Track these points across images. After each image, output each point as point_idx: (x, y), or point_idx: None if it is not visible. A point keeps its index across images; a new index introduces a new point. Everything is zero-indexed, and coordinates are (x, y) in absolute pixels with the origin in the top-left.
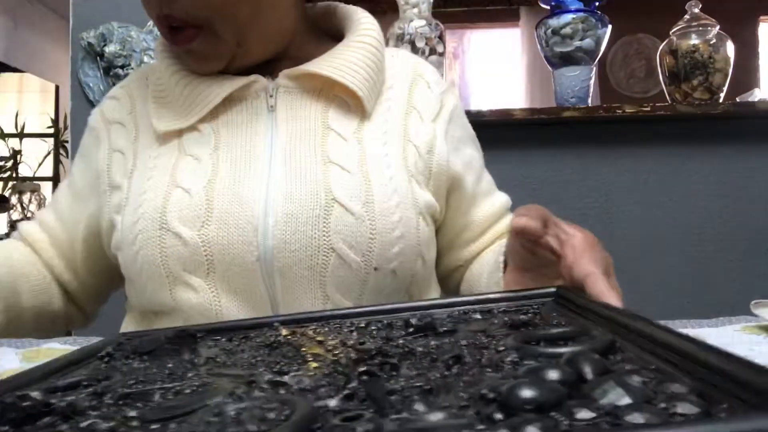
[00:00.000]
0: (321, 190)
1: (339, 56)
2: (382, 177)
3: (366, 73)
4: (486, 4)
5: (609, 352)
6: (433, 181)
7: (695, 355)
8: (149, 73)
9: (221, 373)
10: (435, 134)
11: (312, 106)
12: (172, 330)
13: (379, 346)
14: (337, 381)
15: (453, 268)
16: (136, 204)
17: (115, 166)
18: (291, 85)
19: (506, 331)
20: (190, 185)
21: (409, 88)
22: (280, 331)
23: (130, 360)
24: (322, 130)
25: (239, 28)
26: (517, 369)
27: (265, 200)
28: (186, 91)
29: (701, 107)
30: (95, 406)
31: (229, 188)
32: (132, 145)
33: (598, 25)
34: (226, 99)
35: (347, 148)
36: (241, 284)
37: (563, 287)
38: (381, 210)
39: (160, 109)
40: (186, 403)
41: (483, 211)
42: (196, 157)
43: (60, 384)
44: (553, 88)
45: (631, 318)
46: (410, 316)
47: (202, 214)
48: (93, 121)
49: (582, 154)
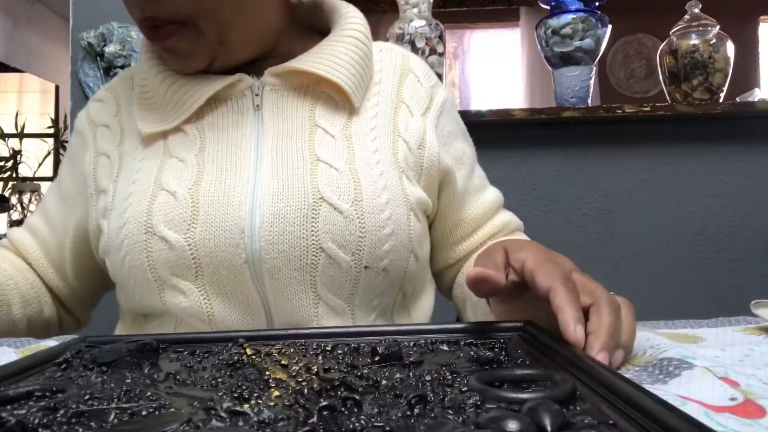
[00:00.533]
0: (308, 189)
1: (325, 52)
2: (371, 174)
3: (353, 67)
4: (486, 4)
5: (570, 401)
6: (425, 176)
7: (654, 414)
8: (134, 74)
9: (180, 393)
10: (425, 128)
11: (299, 104)
12: (134, 341)
13: (343, 377)
14: (298, 415)
15: (444, 266)
16: (121, 208)
17: (100, 170)
18: (277, 83)
19: (471, 367)
20: (175, 188)
21: (398, 82)
22: (245, 349)
23: (88, 371)
24: (309, 128)
25: (222, 25)
26: (479, 413)
27: (252, 201)
28: (170, 92)
29: (701, 107)
30: (46, 424)
31: (215, 190)
32: (117, 148)
33: (598, 25)
34: (210, 99)
35: (335, 146)
36: (231, 287)
37: (529, 322)
38: (370, 207)
39: (144, 111)
40: (140, 428)
41: (474, 208)
42: (181, 159)
43: (12, 393)
44: (553, 88)
45: (592, 364)
46: (378, 341)
47: (188, 217)
48: (79, 124)
49: (582, 154)
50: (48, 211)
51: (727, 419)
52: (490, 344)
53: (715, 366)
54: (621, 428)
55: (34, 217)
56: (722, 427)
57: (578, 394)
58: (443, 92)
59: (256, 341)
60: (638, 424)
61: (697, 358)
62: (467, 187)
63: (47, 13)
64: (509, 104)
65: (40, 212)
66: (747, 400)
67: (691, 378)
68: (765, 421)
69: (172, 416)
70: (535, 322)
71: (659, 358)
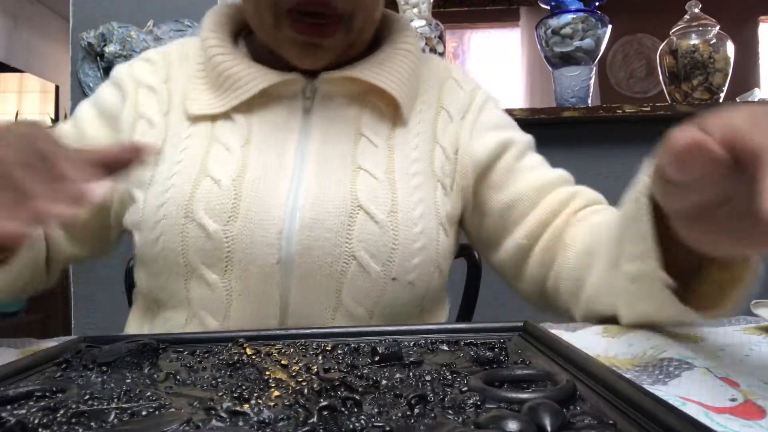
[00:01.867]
0: (347, 196)
1: (382, 63)
2: (408, 185)
3: (408, 81)
4: (486, 4)
5: (570, 401)
6: (458, 180)
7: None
8: (189, 49)
9: (180, 393)
10: (462, 132)
11: (347, 111)
12: (134, 341)
13: (343, 377)
14: (298, 415)
15: (514, 251)
16: (162, 187)
17: (139, 135)
18: (330, 90)
19: (471, 367)
20: (220, 176)
21: (438, 89)
22: (245, 349)
23: (88, 371)
24: (354, 136)
25: (366, 23)
26: (479, 413)
27: (293, 203)
28: (223, 77)
29: (701, 107)
30: (46, 423)
31: (258, 186)
32: (163, 119)
33: (598, 25)
34: (263, 92)
35: (377, 155)
36: (256, 285)
37: (529, 322)
38: (404, 220)
39: (195, 91)
40: (140, 428)
41: (528, 182)
42: (227, 147)
43: (12, 393)
44: (553, 88)
45: (592, 364)
46: (378, 341)
47: (229, 208)
48: (119, 76)
49: (582, 154)
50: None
51: (727, 420)
52: (490, 344)
53: (715, 366)
54: (621, 428)
55: None
56: (722, 428)
57: (578, 394)
58: (483, 93)
59: (256, 341)
60: (638, 424)
61: (697, 359)
62: (513, 167)
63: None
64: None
65: None
66: (747, 401)
67: (691, 379)
68: (765, 422)
69: (172, 416)
70: (751, 246)
71: (659, 358)
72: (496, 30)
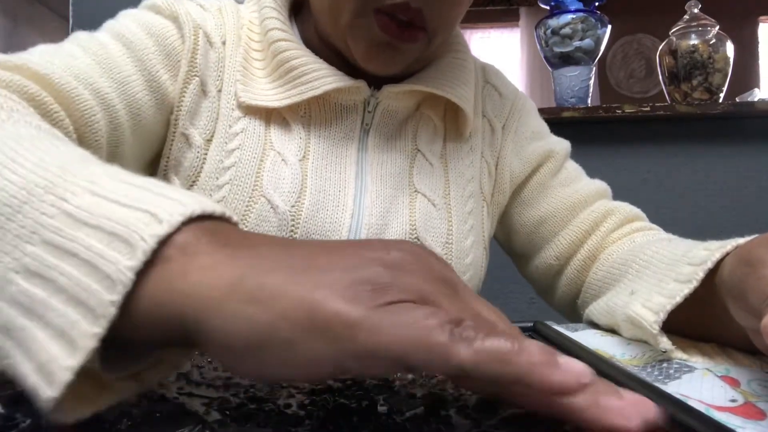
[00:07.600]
0: (407, 227)
1: (444, 72)
2: (462, 212)
3: (471, 92)
4: (486, 4)
5: None
6: (496, 197)
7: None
8: (244, 15)
9: (192, 393)
10: (504, 142)
11: (405, 127)
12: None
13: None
14: (312, 415)
15: (545, 270)
16: (210, 198)
17: (188, 101)
18: (392, 104)
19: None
20: (277, 201)
21: (480, 96)
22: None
23: None
24: (410, 152)
25: (443, 40)
26: (493, 414)
27: (355, 233)
28: (287, 67)
29: (701, 107)
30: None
31: (317, 214)
32: (216, 97)
33: (598, 25)
34: (325, 94)
35: (433, 174)
36: None
37: (539, 322)
38: (457, 252)
39: (247, 75)
40: (152, 430)
41: (557, 200)
42: (284, 159)
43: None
44: (553, 88)
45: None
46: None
47: (286, 235)
48: (170, 6)
49: (582, 154)
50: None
51: (729, 417)
52: None
53: (716, 366)
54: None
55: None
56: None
57: None
58: (522, 98)
59: None
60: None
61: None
62: (551, 182)
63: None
64: None
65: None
66: (747, 402)
67: (691, 380)
68: (765, 422)
69: (185, 417)
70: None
71: (659, 359)
72: (495, 30)
